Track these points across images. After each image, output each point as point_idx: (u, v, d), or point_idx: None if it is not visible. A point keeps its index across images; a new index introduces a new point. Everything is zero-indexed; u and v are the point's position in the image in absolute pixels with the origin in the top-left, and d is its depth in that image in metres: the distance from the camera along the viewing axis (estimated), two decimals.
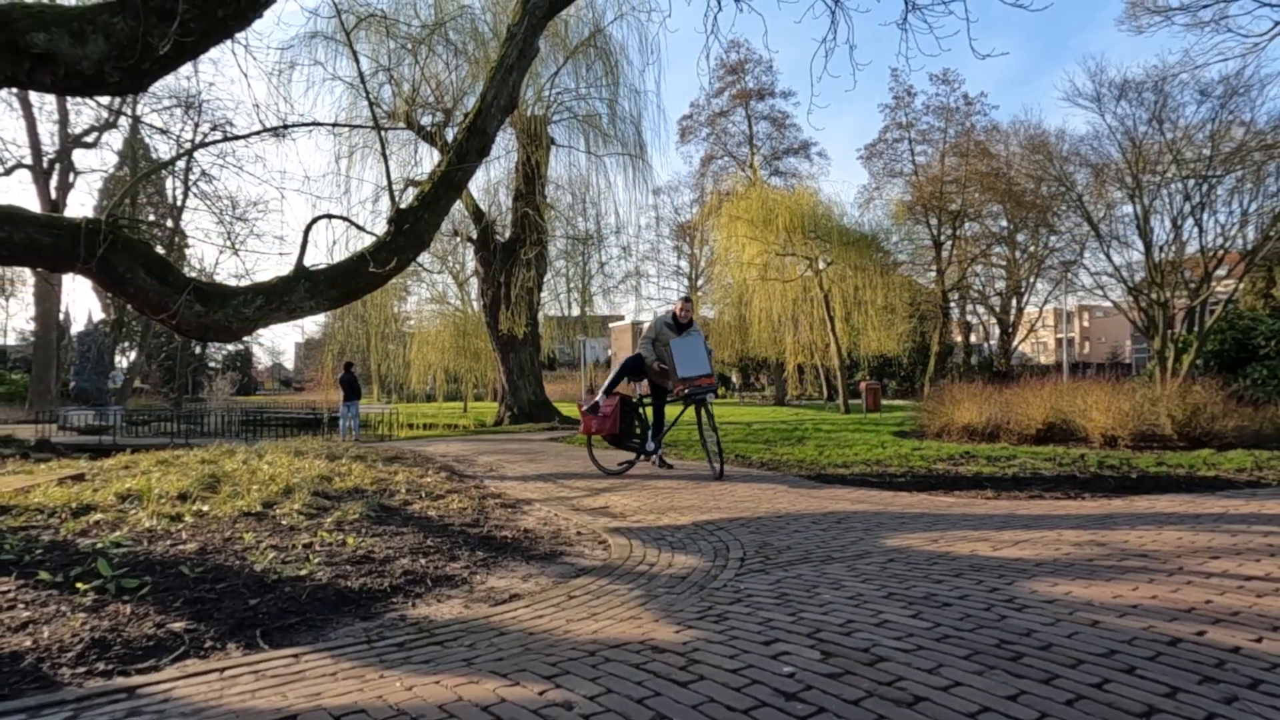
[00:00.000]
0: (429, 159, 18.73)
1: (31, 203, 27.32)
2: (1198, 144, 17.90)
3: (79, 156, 29.05)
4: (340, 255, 13.54)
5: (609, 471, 7.36)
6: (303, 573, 3.38)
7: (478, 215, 20.12)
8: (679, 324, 7.47)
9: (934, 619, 2.53)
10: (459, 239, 21.42)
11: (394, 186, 6.87)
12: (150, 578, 3.24)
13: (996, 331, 39.99)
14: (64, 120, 27.47)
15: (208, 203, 29.96)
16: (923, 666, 2.10)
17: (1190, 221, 17.89)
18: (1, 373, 39.41)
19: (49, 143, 27.81)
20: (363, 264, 5.81)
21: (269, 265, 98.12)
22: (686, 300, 7.60)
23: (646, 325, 7.92)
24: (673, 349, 7.15)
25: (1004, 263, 37.38)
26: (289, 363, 78.57)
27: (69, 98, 21.14)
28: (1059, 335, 49.32)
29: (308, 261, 5.69)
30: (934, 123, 40.89)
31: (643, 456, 7.57)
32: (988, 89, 78.27)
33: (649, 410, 7.66)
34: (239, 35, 5.05)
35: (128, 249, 4.95)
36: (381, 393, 26.20)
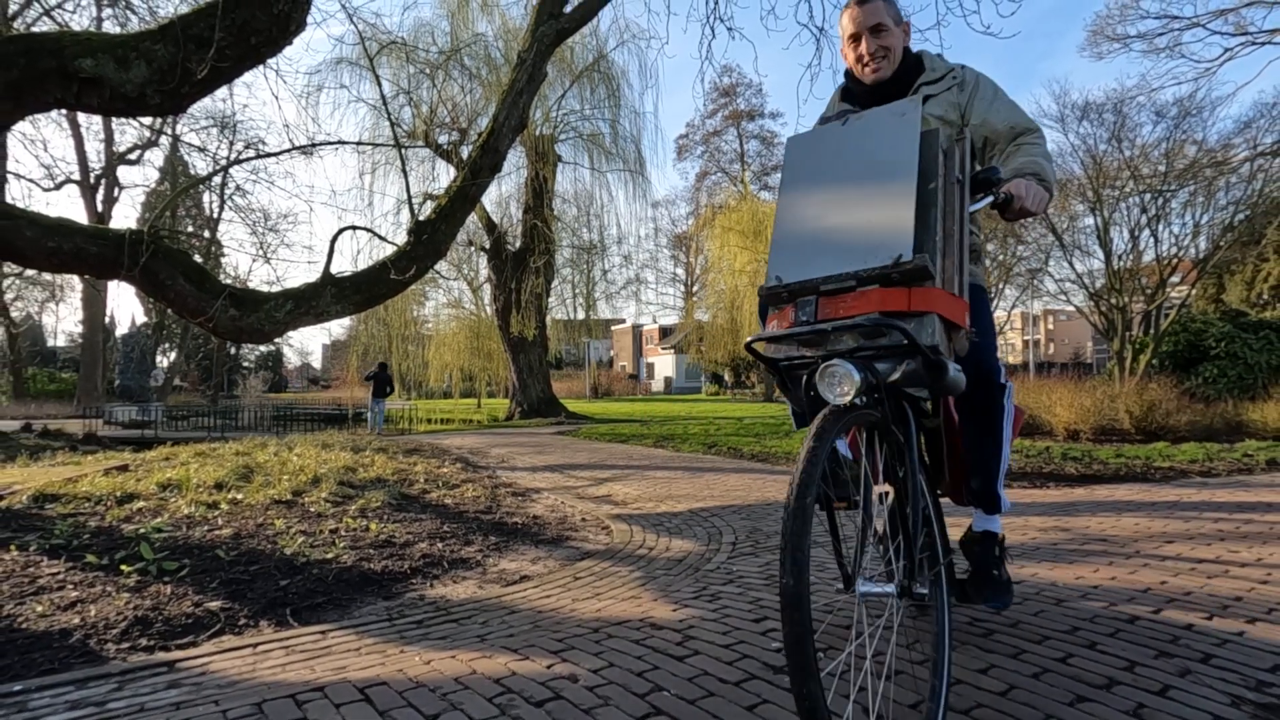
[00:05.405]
0: (445, 175, 18.77)
1: (79, 215, 27.35)
2: (1153, 161, 17.89)
3: (123, 172, 29.05)
4: (364, 263, 13.51)
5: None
6: (329, 556, 3.38)
7: (490, 227, 20.13)
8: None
9: None
10: (473, 248, 21.42)
11: (413, 200, 6.87)
12: (189, 560, 3.23)
13: None
14: (109, 139, 27.50)
15: (242, 215, 30.17)
16: (900, 642, 2.10)
17: (1147, 232, 17.88)
18: (51, 372, 39.39)
19: (95, 160, 27.87)
20: (384, 271, 5.81)
21: (298, 273, 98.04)
22: None
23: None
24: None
25: None
26: (317, 362, 78.58)
27: (114, 118, 21.10)
28: (1026, 337, 49.31)
29: (334, 269, 5.69)
30: None
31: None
32: None
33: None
34: (270, 61, 5.05)
35: (168, 258, 4.94)
36: (402, 390, 26.14)
